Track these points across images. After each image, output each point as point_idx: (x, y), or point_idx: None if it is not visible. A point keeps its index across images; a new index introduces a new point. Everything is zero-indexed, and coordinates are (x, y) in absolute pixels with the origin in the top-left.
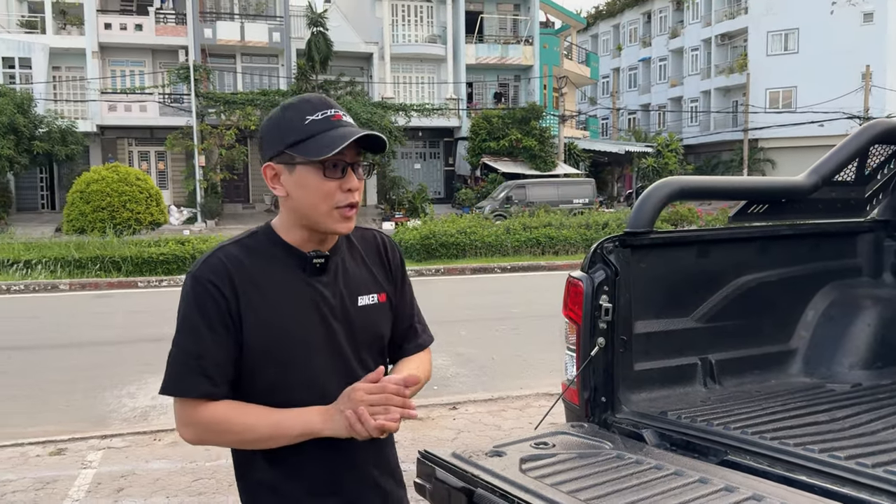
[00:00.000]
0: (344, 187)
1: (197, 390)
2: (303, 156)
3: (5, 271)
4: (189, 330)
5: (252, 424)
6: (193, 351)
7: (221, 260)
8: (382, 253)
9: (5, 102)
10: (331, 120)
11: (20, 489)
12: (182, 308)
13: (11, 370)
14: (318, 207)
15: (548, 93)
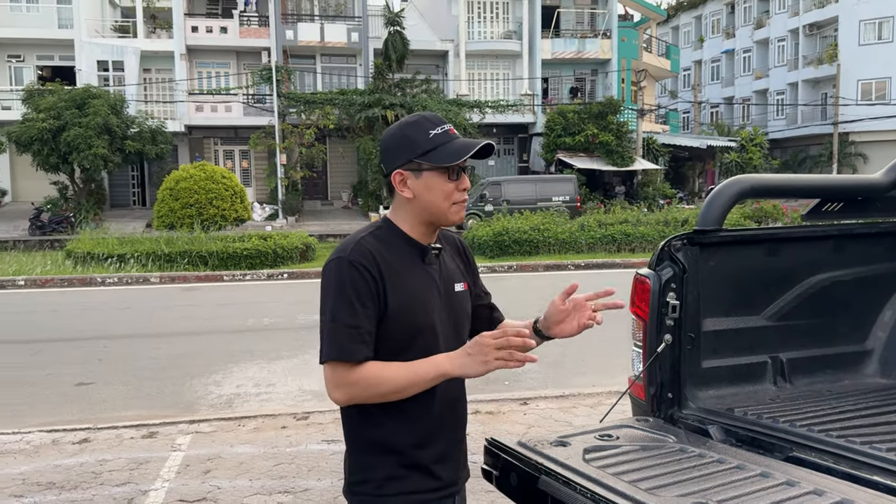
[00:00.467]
0: (459, 187)
1: (359, 355)
2: (433, 163)
3: (100, 265)
4: (347, 305)
5: (394, 377)
6: (351, 322)
7: (366, 247)
8: (461, 251)
9: (100, 104)
10: (449, 133)
11: (116, 469)
12: (336, 287)
13: (107, 358)
14: (442, 205)
15: (626, 87)
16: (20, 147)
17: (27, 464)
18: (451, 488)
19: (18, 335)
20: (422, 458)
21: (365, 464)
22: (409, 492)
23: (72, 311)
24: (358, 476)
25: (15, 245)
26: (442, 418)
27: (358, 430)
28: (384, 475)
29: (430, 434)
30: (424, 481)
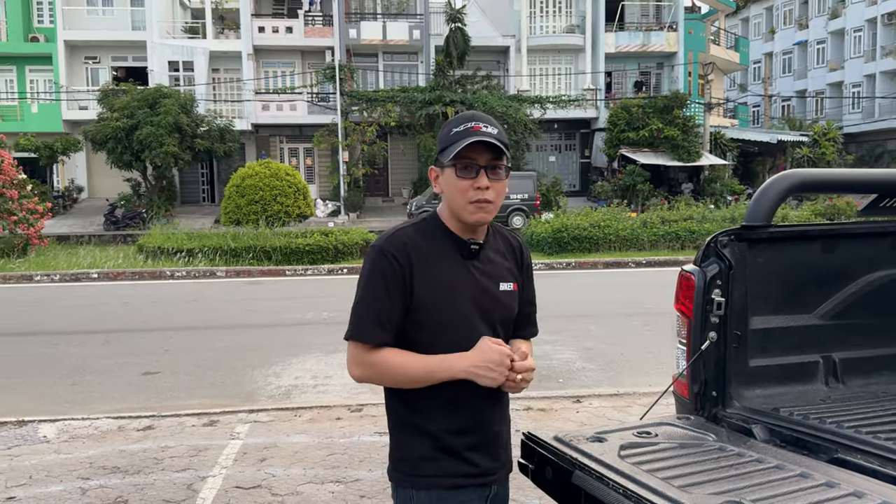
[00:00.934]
0: (475, 186)
1: (375, 338)
2: (442, 160)
3: (170, 259)
4: (373, 290)
5: (408, 367)
6: (375, 306)
7: (402, 238)
8: (517, 251)
9: (171, 103)
10: (470, 130)
11: (177, 455)
12: (367, 272)
13: (174, 349)
14: (457, 201)
15: (692, 80)
16: (95, 145)
17: (95, 448)
18: (488, 477)
19: (91, 326)
20: (455, 444)
21: (403, 444)
22: (442, 475)
23: (141, 303)
24: (399, 454)
25: (90, 239)
26: (478, 410)
27: (398, 412)
28: (419, 455)
29: (466, 423)
30: (458, 466)
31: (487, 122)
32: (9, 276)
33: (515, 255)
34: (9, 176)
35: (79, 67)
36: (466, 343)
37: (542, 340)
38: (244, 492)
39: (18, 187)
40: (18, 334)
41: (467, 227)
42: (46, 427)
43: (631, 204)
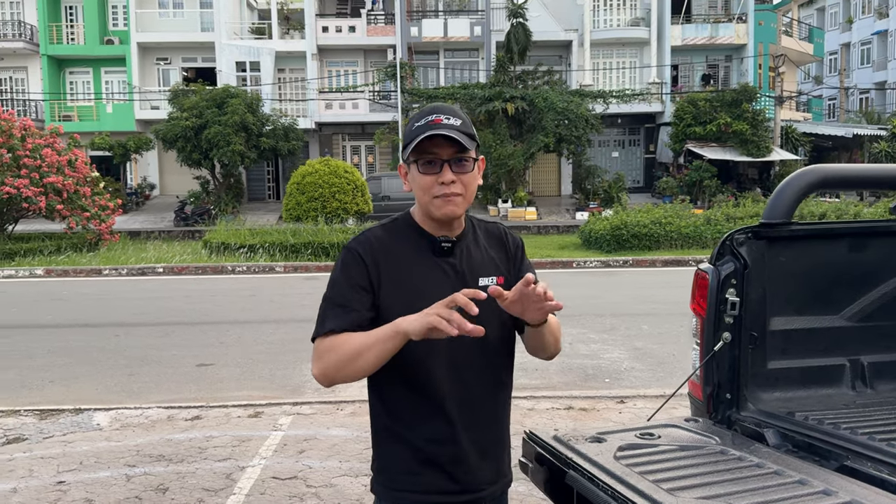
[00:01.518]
0: (439, 181)
1: (329, 326)
2: (404, 156)
3: (232, 254)
4: (336, 287)
5: (354, 339)
6: (339, 302)
7: (368, 237)
8: (503, 240)
9: (237, 103)
10: (430, 124)
11: (220, 445)
12: (333, 271)
13: (228, 341)
14: (423, 198)
15: (763, 73)
16: (166, 144)
17: (143, 437)
18: (474, 493)
19: (152, 318)
20: (437, 456)
21: (383, 453)
22: (420, 490)
23: (202, 297)
24: (378, 464)
25: (160, 235)
26: (459, 418)
27: (380, 417)
28: (398, 468)
29: (448, 432)
30: (438, 481)
31: (450, 114)
32: (79, 269)
33: (503, 245)
34: (82, 174)
35: (151, 68)
36: (441, 344)
37: (590, 339)
38: (280, 482)
39: (91, 185)
40: (84, 326)
41: (440, 223)
42: (101, 415)
43: (697, 200)
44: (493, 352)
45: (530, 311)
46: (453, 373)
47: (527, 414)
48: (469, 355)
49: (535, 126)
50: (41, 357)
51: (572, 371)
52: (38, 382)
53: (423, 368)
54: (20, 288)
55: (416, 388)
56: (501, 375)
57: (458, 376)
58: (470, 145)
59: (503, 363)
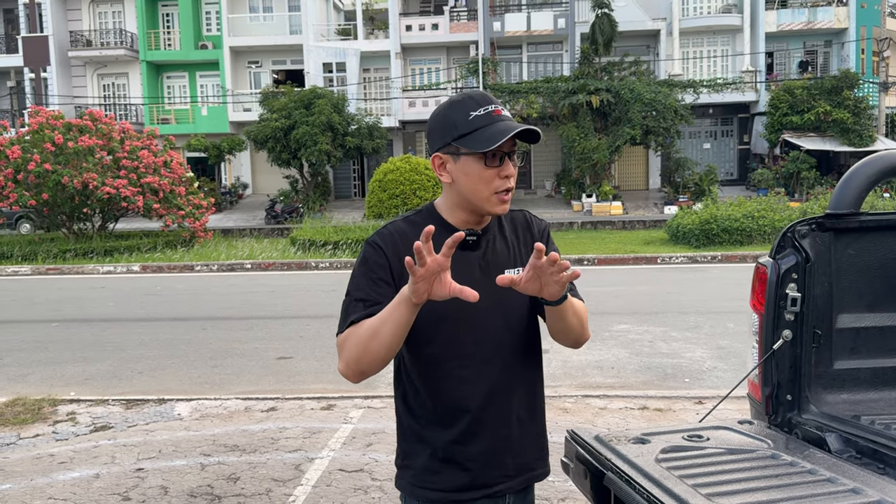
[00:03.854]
0: (501, 174)
1: (348, 322)
2: (468, 148)
3: (318, 251)
4: (356, 282)
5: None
6: (359, 296)
7: (390, 231)
8: (529, 227)
9: (324, 103)
10: (492, 115)
11: (292, 436)
12: (355, 266)
13: (307, 335)
14: (480, 192)
15: (865, 58)
16: (257, 145)
17: (220, 427)
18: (495, 487)
19: (238, 312)
20: (456, 455)
21: (406, 451)
22: (441, 489)
23: (286, 292)
24: (401, 461)
25: (251, 233)
26: (483, 417)
27: (403, 418)
28: (421, 465)
29: (468, 430)
30: (458, 478)
31: (499, 104)
32: (172, 265)
33: (529, 230)
34: (177, 174)
35: (242, 71)
36: (466, 336)
37: (672, 338)
38: (346, 474)
39: (186, 184)
40: (174, 319)
41: (471, 218)
42: (182, 405)
43: (794, 192)
44: (518, 348)
45: (548, 286)
46: (476, 371)
47: (598, 413)
48: (493, 353)
49: (620, 118)
50: (132, 349)
51: (651, 370)
52: (127, 373)
53: (446, 371)
54: (118, 283)
55: (437, 390)
56: (528, 371)
57: (481, 375)
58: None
59: (529, 360)
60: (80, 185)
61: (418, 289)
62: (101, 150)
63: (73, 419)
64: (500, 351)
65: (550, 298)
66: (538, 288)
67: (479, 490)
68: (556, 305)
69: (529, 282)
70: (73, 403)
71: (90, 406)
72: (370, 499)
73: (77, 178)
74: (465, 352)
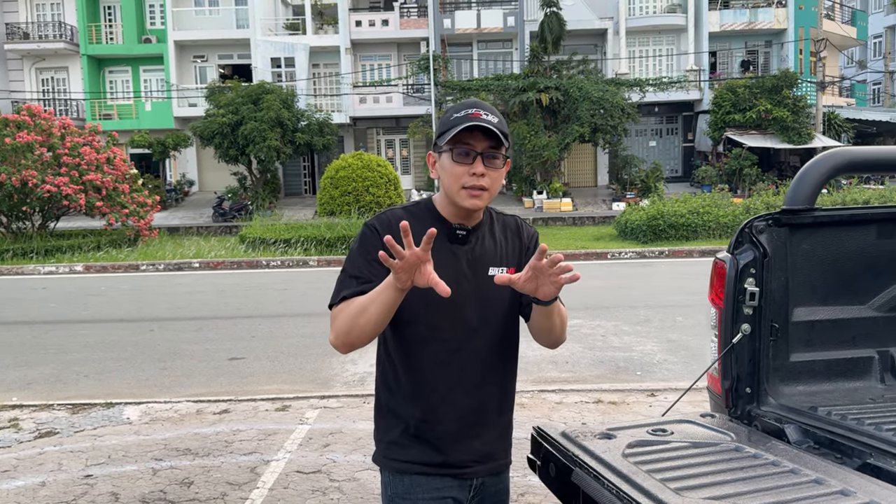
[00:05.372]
0: (470, 172)
1: (340, 296)
2: (441, 144)
3: (268, 249)
4: (352, 260)
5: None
6: (353, 273)
7: (388, 216)
8: (519, 233)
9: (273, 99)
10: (469, 116)
11: (246, 438)
12: (352, 246)
13: (260, 335)
14: (452, 186)
15: (804, 58)
16: (203, 141)
17: (172, 431)
18: (463, 469)
19: (187, 312)
20: (424, 432)
21: (381, 426)
22: (410, 461)
23: (236, 292)
24: (377, 435)
25: (198, 231)
26: (452, 400)
27: (382, 395)
28: (392, 439)
29: (438, 412)
30: (426, 454)
31: (489, 111)
32: (117, 265)
33: (518, 236)
34: (120, 171)
35: (188, 66)
36: (445, 322)
37: (623, 332)
38: (304, 476)
39: (130, 182)
40: (120, 321)
41: (460, 213)
42: (131, 409)
43: (737, 189)
44: (493, 341)
45: (544, 286)
46: (450, 356)
47: (555, 408)
48: (468, 341)
49: (570, 116)
50: (77, 352)
51: (604, 364)
52: (72, 377)
53: (424, 352)
54: (60, 283)
55: (413, 369)
56: (501, 364)
57: (454, 360)
58: (504, 141)
59: (503, 354)
60: (18, 183)
61: (400, 277)
62: (40, 146)
63: (16, 425)
64: (474, 341)
65: (544, 298)
66: (534, 288)
67: (446, 468)
68: (547, 306)
69: (527, 281)
70: (16, 409)
71: (34, 412)
72: (329, 500)
73: (15, 175)
74: (442, 336)
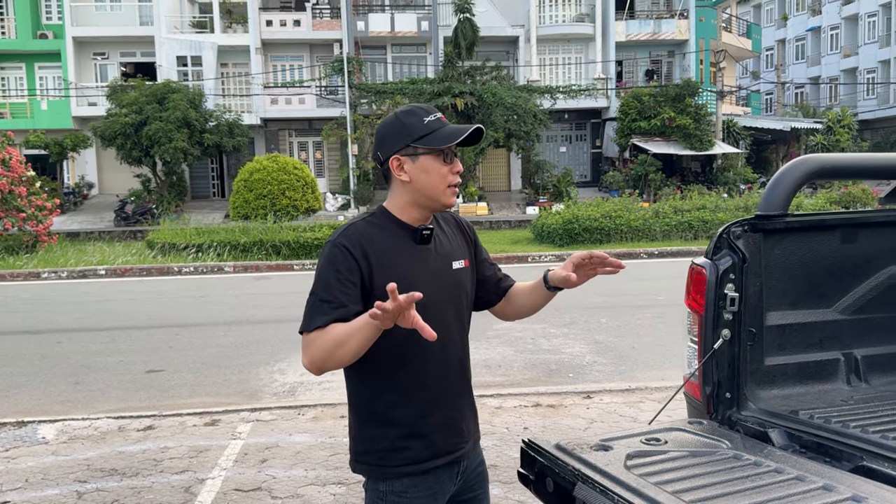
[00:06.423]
0: (453, 170)
1: (320, 324)
2: (427, 146)
3: (179, 254)
4: (323, 282)
5: (334, 333)
6: (325, 297)
7: (353, 232)
8: (461, 227)
9: (179, 98)
10: (441, 121)
11: (177, 456)
12: (320, 266)
13: (178, 346)
14: (438, 186)
15: (704, 68)
16: (105, 141)
17: (93, 450)
18: (455, 454)
19: (97, 323)
20: (422, 429)
21: (369, 435)
22: (410, 462)
23: (148, 300)
24: (363, 447)
25: (100, 236)
26: (440, 388)
27: (361, 403)
28: (386, 446)
29: (429, 404)
30: (426, 450)
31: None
32: (16, 273)
33: (462, 231)
34: (17, 173)
35: (87, 63)
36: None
37: (551, 334)
38: (243, 494)
39: (27, 184)
40: (24, 332)
41: (419, 216)
42: (46, 428)
43: (643, 194)
44: (464, 331)
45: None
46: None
47: (495, 413)
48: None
49: (484, 121)
50: None
51: (536, 367)
52: None
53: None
54: None
55: (404, 373)
56: (466, 350)
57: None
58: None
59: (467, 341)
60: None
61: (385, 324)
62: None
63: None
64: (452, 334)
65: (570, 287)
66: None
67: (442, 458)
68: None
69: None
70: None
71: None
72: None
73: None
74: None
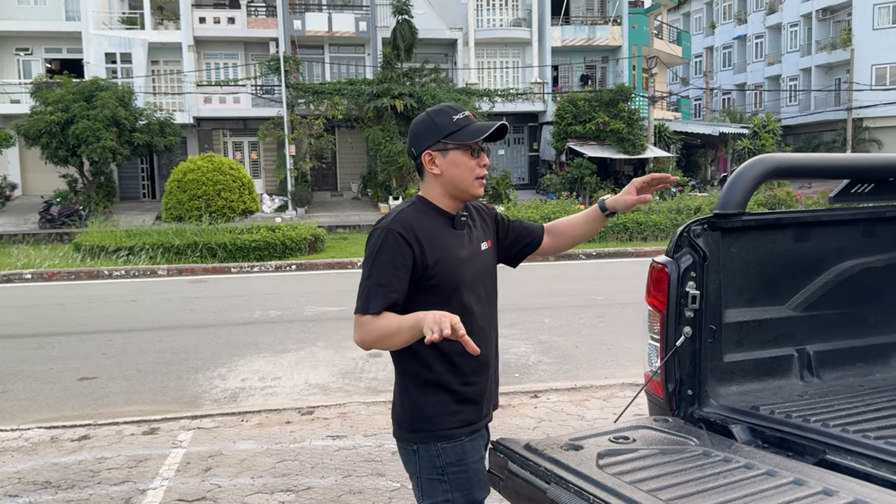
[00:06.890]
0: (480, 164)
1: (376, 308)
2: (456, 142)
3: (109, 257)
4: (379, 266)
5: (386, 322)
6: (381, 281)
7: (405, 217)
8: (487, 213)
9: (108, 96)
10: (468, 118)
11: (115, 466)
12: (374, 252)
13: (111, 352)
14: (466, 178)
15: (637, 74)
16: (29, 140)
17: (25, 462)
18: (488, 417)
19: (23, 329)
20: (471, 393)
21: (422, 403)
22: (464, 424)
23: (77, 305)
24: (419, 414)
25: (24, 238)
26: (485, 357)
27: (414, 373)
28: (441, 411)
29: (476, 371)
30: (475, 413)
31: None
32: None
33: (485, 216)
34: None
35: (10, 59)
36: (469, 298)
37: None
38: None
39: None
40: None
41: (453, 204)
42: None
43: (579, 196)
44: (494, 303)
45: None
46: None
47: None
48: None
49: None
50: None
51: None
52: None
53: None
54: None
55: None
56: (496, 321)
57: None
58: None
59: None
60: None
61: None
62: None
63: None
64: (487, 306)
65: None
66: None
67: (483, 420)
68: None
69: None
70: None
71: None
72: None
73: None
74: (471, 309)
